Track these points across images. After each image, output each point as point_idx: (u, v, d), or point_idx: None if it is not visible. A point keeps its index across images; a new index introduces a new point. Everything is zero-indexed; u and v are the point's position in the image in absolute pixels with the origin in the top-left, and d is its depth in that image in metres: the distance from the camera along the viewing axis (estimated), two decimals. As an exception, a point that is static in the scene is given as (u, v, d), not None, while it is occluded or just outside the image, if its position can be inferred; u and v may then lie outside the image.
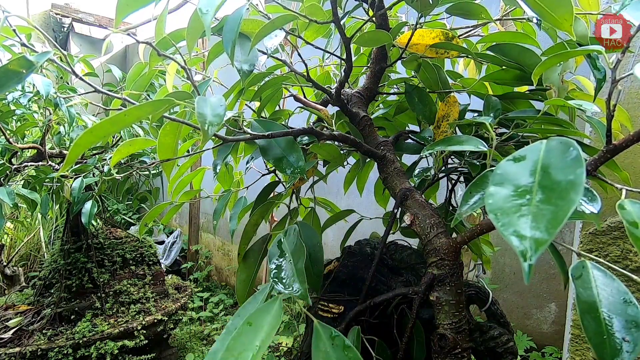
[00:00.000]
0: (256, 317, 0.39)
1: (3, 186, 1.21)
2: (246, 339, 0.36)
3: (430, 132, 0.74)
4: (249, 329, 0.37)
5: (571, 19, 0.29)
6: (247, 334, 0.37)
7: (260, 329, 0.37)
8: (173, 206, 0.95)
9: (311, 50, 0.79)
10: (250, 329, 0.37)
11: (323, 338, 0.39)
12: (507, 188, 0.25)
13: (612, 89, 0.33)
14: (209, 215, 4.00)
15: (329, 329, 0.41)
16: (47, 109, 1.36)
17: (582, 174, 0.23)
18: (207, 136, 0.40)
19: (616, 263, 1.04)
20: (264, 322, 0.38)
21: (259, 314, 0.39)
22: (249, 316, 0.39)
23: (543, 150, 0.26)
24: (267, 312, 0.39)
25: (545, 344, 1.89)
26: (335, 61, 1.00)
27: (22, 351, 1.60)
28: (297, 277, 0.46)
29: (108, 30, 5.52)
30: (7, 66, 0.40)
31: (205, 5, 0.47)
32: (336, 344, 0.39)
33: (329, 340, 0.39)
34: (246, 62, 0.60)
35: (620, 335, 0.33)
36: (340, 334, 0.40)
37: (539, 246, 0.20)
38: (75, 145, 0.39)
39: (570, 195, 0.22)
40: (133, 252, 2.06)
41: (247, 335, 0.37)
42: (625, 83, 1.08)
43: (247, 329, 0.37)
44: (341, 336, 0.39)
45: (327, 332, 0.40)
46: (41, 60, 0.43)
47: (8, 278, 2.52)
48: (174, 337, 2.52)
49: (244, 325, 0.38)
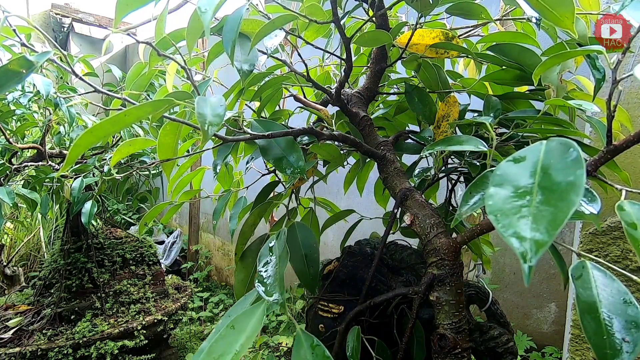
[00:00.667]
0: (240, 321, 0.39)
1: (3, 186, 1.21)
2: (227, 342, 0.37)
3: (430, 132, 0.74)
4: (232, 332, 0.38)
5: (572, 16, 0.29)
6: (229, 337, 0.38)
7: (242, 332, 0.38)
8: (173, 206, 0.95)
9: (311, 50, 0.79)
10: (232, 332, 0.38)
11: (304, 346, 0.40)
12: (507, 189, 0.25)
13: (613, 89, 0.33)
14: (209, 215, 4.00)
15: (311, 338, 0.41)
16: (47, 109, 1.36)
17: (582, 175, 0.23)
18: (207, 136, 0.40)
19: (616, 263, 1.04)
20: (247, 326, 0.38)
21: (243, 317, 0.40)
22: (233, 319, 0.40)
23: (543, 151, 0.26)
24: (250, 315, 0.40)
25: (545, 344, 1.89)
26: (335, 61, 1.00)
27: (22, 351, 1.60)
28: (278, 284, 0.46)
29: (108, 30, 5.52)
30: (7, 66, 0.40)
31: (204, 4, 0.47)
32: (316, 353, 0.39)
33: (310, 349, 0.40)
34: (246, 62, 0.60)
35: (620, 336, 0.33)
36: (320, 344, 0.40)
37: (539, 248, 0.20)
38: (75, 146, 0.39)
39: (571, 197, 0.22)
40: (133, 252, 2.06)
41: (228, 338, 0.38)
42: (626, 83, 1.08)
43: (230, 332, 0.38)
44: (322, 346, 0.40)
45: (309, 341, 0.41)
46: (41, 60, 0.43)
47: (8, 278, 2.52)
48: (174, 337, 2.52)
49: (227, 328, 0.39)
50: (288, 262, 0.50)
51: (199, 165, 2.95)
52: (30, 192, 1.32)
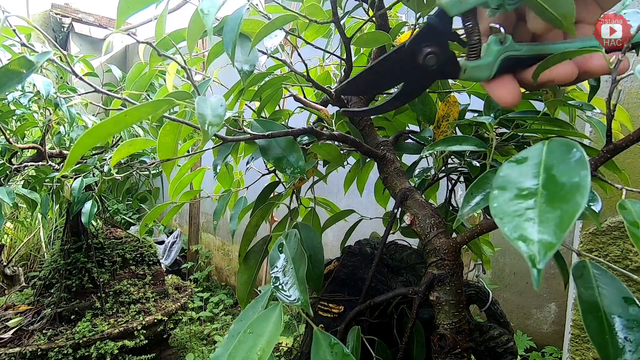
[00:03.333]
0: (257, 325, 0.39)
1: (3, 186, 1.21)
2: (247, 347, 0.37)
3: (430, 132, 0.74)
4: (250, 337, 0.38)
5: (572, 17, 0.29)
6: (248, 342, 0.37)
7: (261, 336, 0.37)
8: (173, 206, 0.95)
9: (311, 50, 0.79)
10: (251, 337, 0.38)
11: (323, 345, 0.40)
12: (510, 191, 0.24)
13: (612, 89, 0.33)
14: (209, 216, 3.99)
15: (329, 337, 0.41)
16: (47, 109, 1.36)
17: (586, 176, 0.22)
18: (207, 136, 0.40)
19: (616, 263, 1.04)
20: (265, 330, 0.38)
21: (259, 322, 0.39)
22: (250, 324, 0.39)
23: (545, 151, 0.26)
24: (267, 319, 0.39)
25: (545, 344, 1.89)
26: (335, 61, 1.00)
27: (22, 351, 1.60)
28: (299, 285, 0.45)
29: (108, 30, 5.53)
30: (7, 66, 0.40)
31: (206, 6, 0.47)
32: (335, 351, 0.39)
33: (329, 348, 0.40)
34: (246, 62, 0.60)
35: (623, 335, 0.33)
36: (339, 342, 0.40)
37: (548, 250, 0.20)
38: (75, 147, 0.39)
39: (576, 198, 0.21)
40: (133, 252, 2.06)
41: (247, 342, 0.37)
42: (625, 83, 1.08)
43: (248, 337, 0.38)
44: (340, 344, 0.40)
45: (327, 340, 0.41)
46: (41, 60, 0.43)
47: (8, 278, 2.52)
48: (174, 337, 2.52)
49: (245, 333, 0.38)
50: None
51: (199, 165, 2.95)
52: (30, 192, 1.32)
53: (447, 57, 0.34)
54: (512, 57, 0.33)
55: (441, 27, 0.33)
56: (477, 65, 0.34)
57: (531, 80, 0.34)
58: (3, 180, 1.39)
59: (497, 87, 0.34)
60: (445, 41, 0.34)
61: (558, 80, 0.34)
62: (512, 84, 0.34)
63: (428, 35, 0.33)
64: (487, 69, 0.33)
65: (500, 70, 0.33)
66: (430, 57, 0.34)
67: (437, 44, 0.34)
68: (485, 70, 0.33)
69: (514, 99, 0.33)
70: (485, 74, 0.33)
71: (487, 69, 0.33)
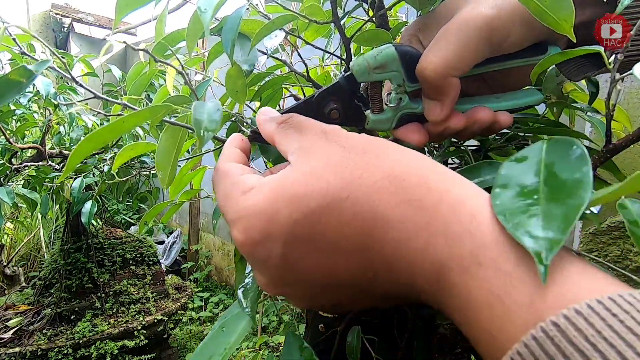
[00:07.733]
0: (230, 323, 0.40)
1: (3, 186, 1.21)
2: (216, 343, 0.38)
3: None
4: (222, 334, 0.39)
5: (572, 20, 0.29)
6: (218, 338, 0.38)
7: (233, 334, 0.38)
8: (173, 205, 0.95)
9: (311, 50, 0.79)
10: (222, 334, 0.39)
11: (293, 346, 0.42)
12: (512, 189, 0.24)
13: (612, 89, 0.33)
14: (209, 215, 4.00)
15: (300, 340, 0.42)
16: (47, 109, 1.36)
17: (588, 171, 0.22)
18: (203, 142, 0.41)
19: (616, 263, 1.04)
20: (237, 328, 0.39)
21: (234, 319, 0.40)
22: (224, 321, 0.40)
23: (544, 149, 0.26)
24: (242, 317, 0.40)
25: (545, 344, 1.89)
26: (335, 61, 1.00)
27: (22, 351, 1.60)
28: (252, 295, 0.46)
29: (108, 30, 5.53)
30: (7, 76, 0.40)
31: (204, 4, 0.47)
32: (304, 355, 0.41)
33: (298, 351, 0.41)
34: (246, 62, 0.60)
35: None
36: (309, 347, 0.41)
37: (554, 246, 0.19)
38: (74, 153, 0.39)
39: (580, 193, 0.21)
40: (133, 252, 2.06)
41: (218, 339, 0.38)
42: (625, 83, 1.08)
43: (220, 334, 0.39)
44: (309, 349, 0.41)
45: (297, 343, 0.42)
46: (41, 69, 0.43)
47: (8, 278, 2.52)
48: (174, 337, 2.52)
49: (219, 330, 0.39)
50: None
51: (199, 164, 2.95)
52: (30, 192, 1.32)
53: (353, 110, 0.37)
54: (410, 113, 0.37)
55: (347, 88, 0.36)
56: (378, 119, 0.37)
57: (432, 133, 0.37)
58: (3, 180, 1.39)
59: (403, 133, 0.37)
60: (351, 99, 0.37)
61: (453, 128, 0.36)
62: (418, 129, 0.37)
63: (335, 92, 0.37)
64: (387, 122, 0.37)
65: (400, 123, 0.37)
66: (334, 112, 0.37)
67: (342, 102, 0.37)
68: (386, 124, 0.37)
69: (420, 140, 0.37)
70: (387, 126, 0.37)
71: (388, 122, 0.37)
